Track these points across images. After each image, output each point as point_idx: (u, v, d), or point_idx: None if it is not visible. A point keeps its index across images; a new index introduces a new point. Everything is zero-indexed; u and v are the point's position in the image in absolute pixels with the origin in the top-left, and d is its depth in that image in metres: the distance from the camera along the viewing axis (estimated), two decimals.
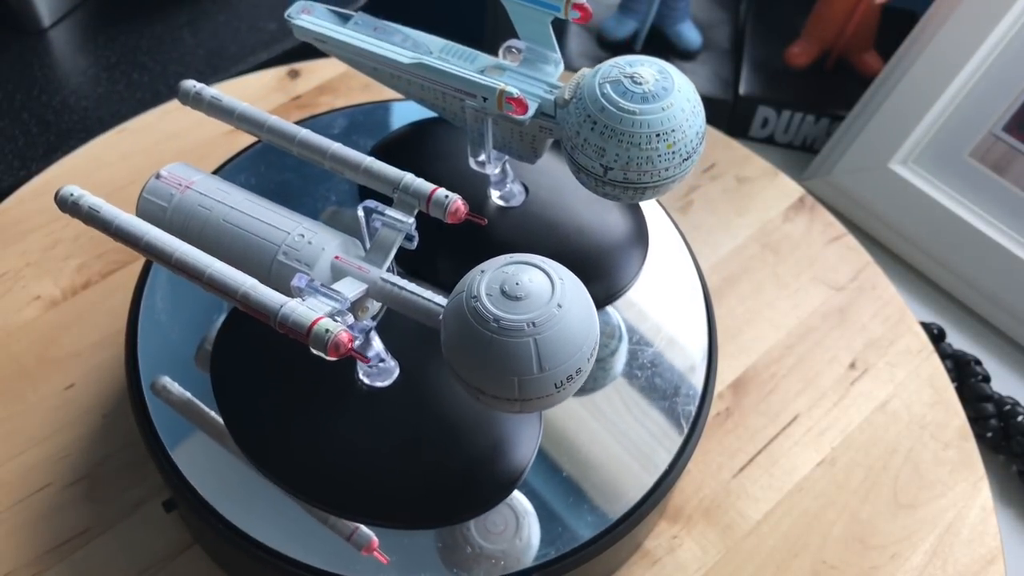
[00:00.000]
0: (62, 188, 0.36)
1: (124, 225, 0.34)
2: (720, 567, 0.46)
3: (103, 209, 0.35)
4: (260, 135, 0.39)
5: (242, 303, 0.32)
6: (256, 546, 0.38)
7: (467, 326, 0.30)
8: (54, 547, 0.44)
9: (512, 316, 0.29)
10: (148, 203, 0.38)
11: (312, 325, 0.30)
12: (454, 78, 0.38)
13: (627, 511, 0.40)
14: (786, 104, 0.70)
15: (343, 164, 0.37)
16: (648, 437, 0.42)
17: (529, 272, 0.30)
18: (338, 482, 0.37)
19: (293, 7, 0.43)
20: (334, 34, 0.41)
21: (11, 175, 0.64)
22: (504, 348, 0.29)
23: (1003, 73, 0.61)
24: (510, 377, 0.29)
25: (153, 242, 0.34)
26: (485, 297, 0.29)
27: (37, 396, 0.49)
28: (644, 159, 0.35)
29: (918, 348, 0.54)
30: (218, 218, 0.36)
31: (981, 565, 0.46)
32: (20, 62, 0.71)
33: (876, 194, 0.65)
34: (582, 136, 0.35)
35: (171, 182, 0.38)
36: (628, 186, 0.36)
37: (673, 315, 0.45)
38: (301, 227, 0.36)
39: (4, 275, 0.54)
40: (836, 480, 0.49)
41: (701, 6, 0.76)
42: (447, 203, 0.34)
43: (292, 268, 0.34)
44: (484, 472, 0.37)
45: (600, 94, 0.35)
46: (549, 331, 0.29)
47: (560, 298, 0.29)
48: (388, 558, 0.38)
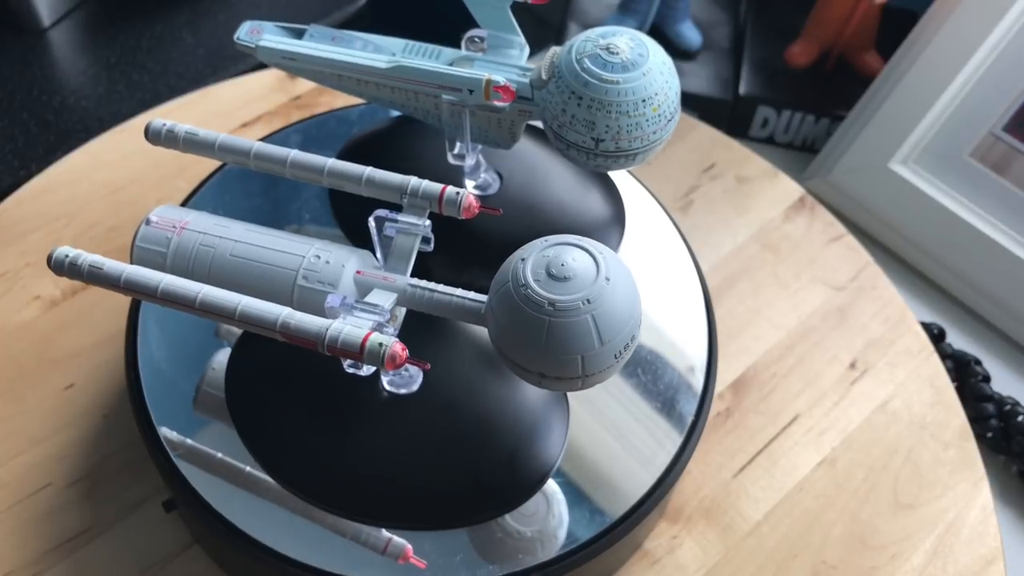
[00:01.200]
0: (54, 251, 0.34)
1: (134, 277, 0.33)
2: (720, 567, 0.46)
3: (106, 265, 0.33)
4: (247, 163, 0.37)
5: (282, 334, 0.31)
6: (256, 546, 0.38)
7: (521, 314, 0.30)
8: (54, 547, 0.44)
9: (566, 296, 0.30)
10: (144, 251, 0.36)
11: (364, 342, 0.30)
12: (437, 75, 0.38)
13: (627, 511, 0.40)
14: (786, 104, 0.70)
15: (343, 179, 0.36)
16: (648, 437, 0.42)
17: (571, 252, 0.31)
18: (369, 491, 0.38)
19: (241, 30, 0.41)
20: (304, 50, 0.40)
21: (11, 175, 0.64)
22: (564, 329, 0.30)
23: (1003, 73, 0.61)
24: (574, 356, 0.30)
25: (171, 288, 0.32)
26: (534, 283, 0.30)
27: (37, 396, 0.49)
28: (633, 125, 0.36)
29: (918, 348, 0.54)
30: (224, 254, 0.35)
31: (981, 565, 0.46)
32: (20, 62, 0.71)
33: (876, 194, 0.65)
34: (569, 113, 0.36)
35: (164, 225, 0.36)
36: (620, 154, 0.37)
37: (673, 315, 0.45)
38: (313, 248, 0.35)
39: (4, 275, 0.54)
40: (836, 480, 0.49)
41: (701, 6, 0.76)
42: (460, 200, 0.35)
43: (315, 290, 0.34)
44: (516, 466, 0.38)
45: (581, 69, 0.36)
46: (604, 305, 0.30)
47: (607, 271, 0.30)
48: (424, 562, 0.37)
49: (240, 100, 0.63)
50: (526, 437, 0.39)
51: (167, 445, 0.40)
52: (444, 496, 0.38)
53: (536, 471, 0.38)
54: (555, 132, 0.37)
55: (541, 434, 0.39)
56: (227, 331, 0.43)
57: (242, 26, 0.42)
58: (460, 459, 0.38)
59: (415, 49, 0.40)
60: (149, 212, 0.37)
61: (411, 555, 0.37)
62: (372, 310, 0.33)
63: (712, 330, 0.45)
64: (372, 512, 0.38)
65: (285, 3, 0.77)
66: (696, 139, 0.63)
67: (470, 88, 0.37)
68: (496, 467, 0.38)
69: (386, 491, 0.38)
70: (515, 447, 0.39)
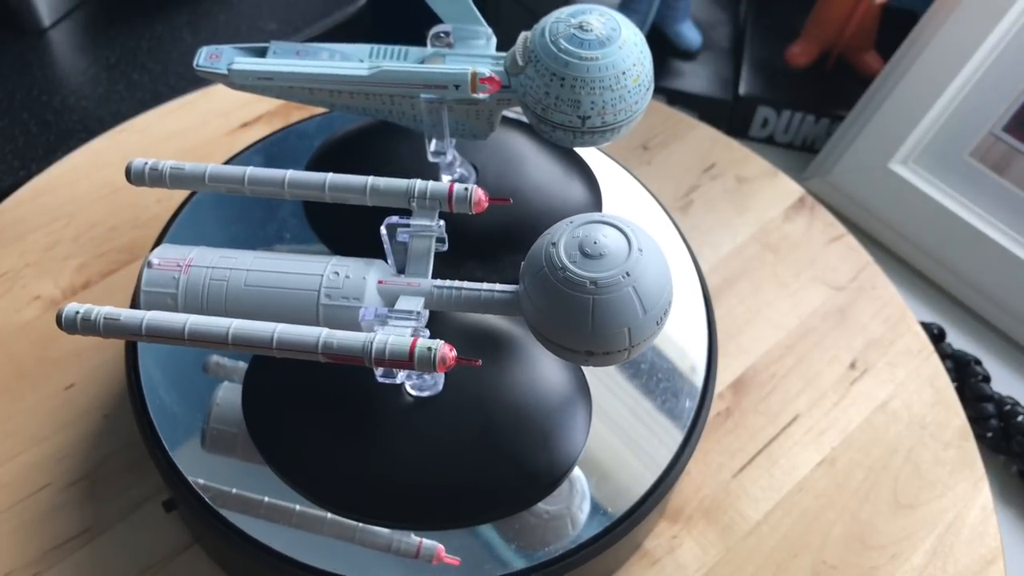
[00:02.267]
0: (63, 309, 0.32)
1: (156, 322, 0.32)
2: (720, 567, 0.46)
3: (122, 315, 0.32)
4: (242, 191, 0.37)
5: (324, 354, 0.31)
6: (256, 546, 0.38)
7: (564, 297, 0.31)
8: (54, 547, 0.44)
9: (605, 273, 0.31)
10: (153, 295, 0.35)
11: (412, 349, 0.30)
12: (421, 76, 0.38)
13: (627, 511, 0.40)
14: (786, 104, 0.70)
15: (346, 192, 0.35)
16: (648, 437, 0.42)
17: (600, 229, 0.31)
18: (402, 497, 0.38)
19: (199, 57, 0.40)
20: (280, 67, 0.39)
21: (11, 175, 0.64)
22: (609, 305, 0.31)
23: (1003, 73, 0.61)
24: (621, 329, 0.31)
25: (199, 328, 0.31)
26: (571, 264, 0.31)
27: (37, 396, 0.49)
28: (617, 99, 0.37)
29: (918, 348, 0.54)
30: (239, 285, 0.35)
31: (981, 565, 0.46)
32: (20, 62, 0.71)
33: (876, 194, 0.65)
34: (553, 95, 0.36)
35: (168, 266, 0.35)
36: (606, 129, 0.37)
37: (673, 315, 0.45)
38: (328, 265, 0.35)
39: (4, 275, 0.54)
40: (836, 480, 0.49)
41: (701, 6, 0.76)
42: (469, 195, 0.35)
43: (341, 307, 0.34)
44: (546, 453, 0.38)
45: (559, 51, 0.36)
46: (642, 275, 0.31)
47: (638, 243, 0.31)
48: (458, 559, 0.38)
49: (240, 100, 0.63)
50: (553, 422, 0.39)
51: (167, 445, 0.40)
52: (477, 492, 0.38)
53: (566, 455, 0.39)
54: (539, 116, 0.38)
55: (567, 418, 0.40)
56: (216, 366, 0.42)
57: (199, 53, 0.41)
58: (490, 453, 0.38)
59: (382, 52, 0.40)
60: (148, 255, 0.36)
61: (444, 555, 0.37)
62: (407, 317, 0.33)
63: (712, 330, 0.45)
64: (407, 517, 0.38)
65: (284, 3, 0.77)
66: (696, 139, 0.63)
67: (456, 84, 0.37)
68: (526, 457, 0.38)
69: (419, 494, 0.38)
70: (544, 434, 0.39)
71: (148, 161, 0.37)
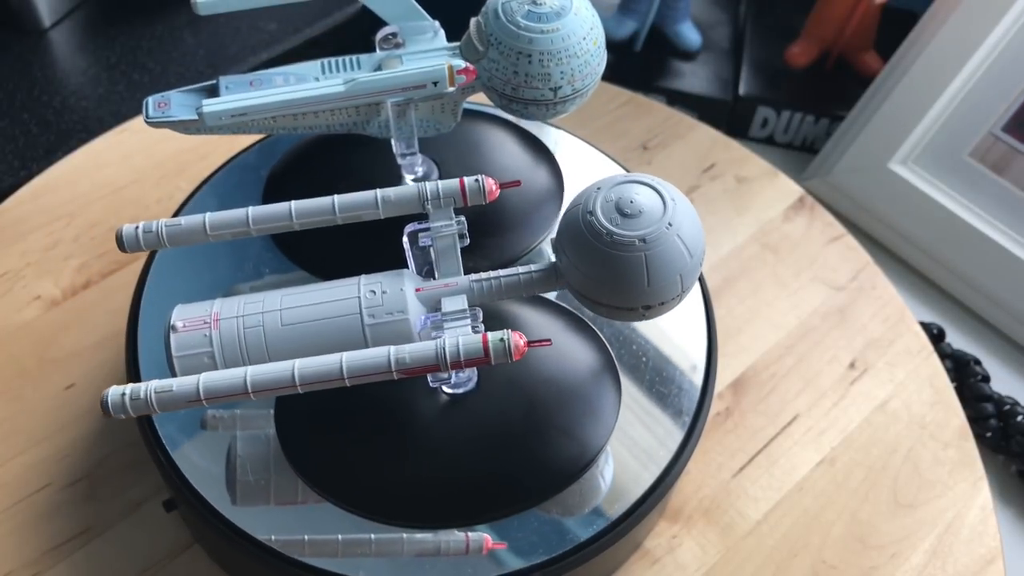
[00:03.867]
0: (108, 396, 0.30)
1: (214, 383, 0.30)
2: (720, 567, 0.46)
3: (175, 385, 0.30)
4: (248, 232, 0.35)
5: (399, 371, 0.31)
6: (256, 546, 0.38)
7: (615, 260, 0.32)
8: (54, 547, 0.44)
9: (650, 227, 0.32)
10: (187, 359, 0.33)
11: (485, 344, 0.31)
12: (399, 80, 0.37)
13: (627, 510, 0.40)
14: (786, 104, 0.70)
15: (357, 210, 0.35)
16: (648, 437, 0.42)
17: (631, 188, 0.33)
18: (443, 495, 0.38)
19: (148, 109, 0.39)
20: (252, 101, 0.37)
21: (11, 175, 0.64)
22: (660, 257, 0.32)
23: (1003, 73, 0.61)
24: (674, 278, 0.32)
25: (262, 377, 0.30)
26: (614, 227, 0.32)
27: (37, 396, 0.49)
28: (583, 64, 0.38)
29: (918, 348, 0.54)
30: (275, 327, 0.34)
31: (981, 565, 0.46)
32: (20, 62, 0.71)
33: (876, 194, 0.65)
34: (522, 73, 0.37)
35: (194, 326, 0.34)
36: (576, 96, 0.39)
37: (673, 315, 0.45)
38: (360, 286, 0.34)
39: (4, 275, 0.54)
40: (836, 480, 0.49)
41: (701, 6, 0.76)
42: (480, 186, 0.35)
43: (387, 323, 0.34)
44: (580, 434, 0.39)
45: (519, 29, 0.37)
46: (682, 222, 0.32)
47: (669, 194, 0.33)
48: (504, 543, 0.38)
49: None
50: (584, 404, 0.40)
51: (167, 445, 0.40)
52: (520, 479, 0.38)
53: (599, 434, 0.40)
54: (509, 96, 0.39)
55: (598, 396, 0.41)
56: (214, 419, 0.41)
57: (145, 104, 0.39)
58: (528, 440, 0.39)
59: (334, 65, 0.40)
60: (168, 320, 0.34)
61: (491, 543, 0.38)
62: (462, 316, 0.34)
63: (712, 330, 0.45)
64: (454, 515, 0.38)
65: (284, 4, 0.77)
66: (696, 139, 0.63)
67: (434, 80, 0.38)
68: (562, 440, 0.39)
69: (463, 491, 0.38)
70: (577, 413, 0.40)
71: (139, 225, 0.35)
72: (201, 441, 0.41)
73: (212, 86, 0.39)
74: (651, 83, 0.71)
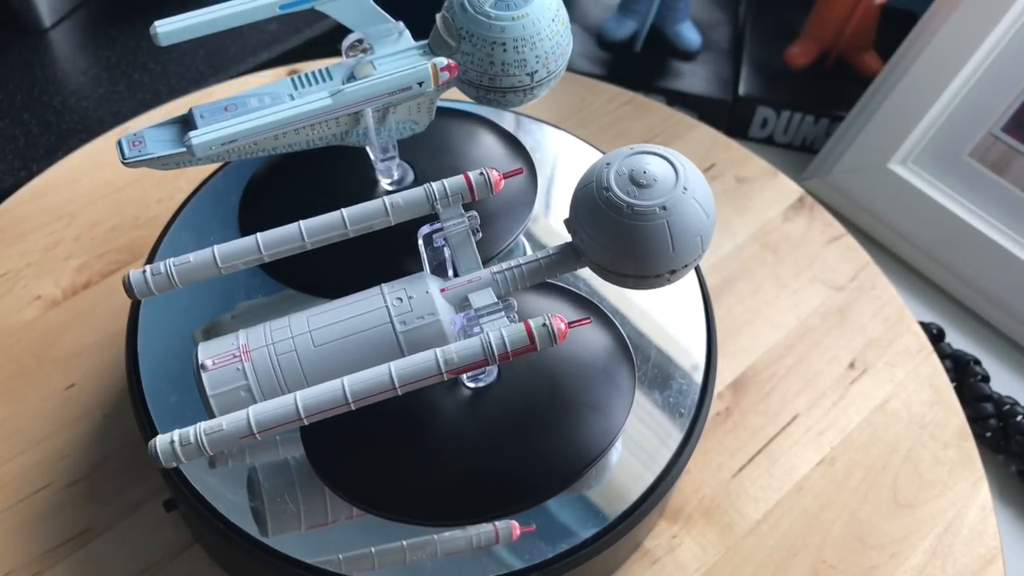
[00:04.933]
0: (156, 445, 0.30)
1: (267, 414, 0.30)
2: (720, 566, 0.46)
3: (225, 423, 0.30)
4: (261, 259, 0.35)
5: (449, 372, 0.31)
6: (256, 546, 0.38)
7: (638, 230, 0.33)
8: (54, 547, 0.45)
9: (668, 193, 0.33)
10: (224, 395, 0.33)
11: (530, 332, 0.31)
12: (386, 84, 0.37)
13: (626, 510, 0.40)
14: (785, 104, 0.70)
15: (368, 221, 0.35)
16: (648, 437, 0.42)
17: (640, 160, 0.33)
18: (474, 489, 0.38)
19: (124, 150, 0.38)
20: (241, 126, 0.36)
21: (12, 175, 0.64)
22: (681, 221, 0.33)
23: (1002, 73, 0.61)
24: (695, 239, 0.33)
25: (313, 401, 0.30)
26: (633, 199, 0.33)
27: (37, 396, 0.49)
28: (555, 45, 0.39)
29: (917, 348, 0.54)
30: (308, 349, 0.33)
31: (980, 565, 0.46)
32: (21, 62, 0.71)
33: (876, 194, 0.65)
34: (498, 62, 0.38)
35: (224, 361, 0.33)
36: (551, 77, 0.39)
37: (673, 315, 0.45)
38: (384, 295, 0.34)
39: (5, 275, 0.54)
40: (835, 480, 0.49)
41: (701, 6, 0.76)
42: (486, 179, 0.35)
43: (419, 327, 0.34)
44: (601, 415, 0.40)
45: (491, 19, 0.37)
46: (695, 185, 0.33)
47: (679, 160, 0.34)
48: (532, 525, 0.39)
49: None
50: (604, 376, 0.41)
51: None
52: (550, 461, 0.39)
53: (622, 403, 0.40)
54: (487, 87, 0.39)
55: (615, 368, 0.41)
56: (223, 456, 0.40)
57: (119, 146, 0.38)
58: (557, 419, 0.39)
59: (305, 79, 0.39)
60: (196, 359, 0.33)
61: (519, 529, 0.38)
62: (496, 308, 0.34)
63: (712, 330, 0.45)
64: (492, 507, 0.38)
65: None
66: (696, 139, 0.63)
67: (420, 81, 0.38)
68: (589, 415, 0.40)
69: (497, 482, 0.38)
70: (599, 388, 0.40)
71: (145, 269, 0.34)
72: None
73: (185, 117, 0.38)
74: (651, 83, 0.71)
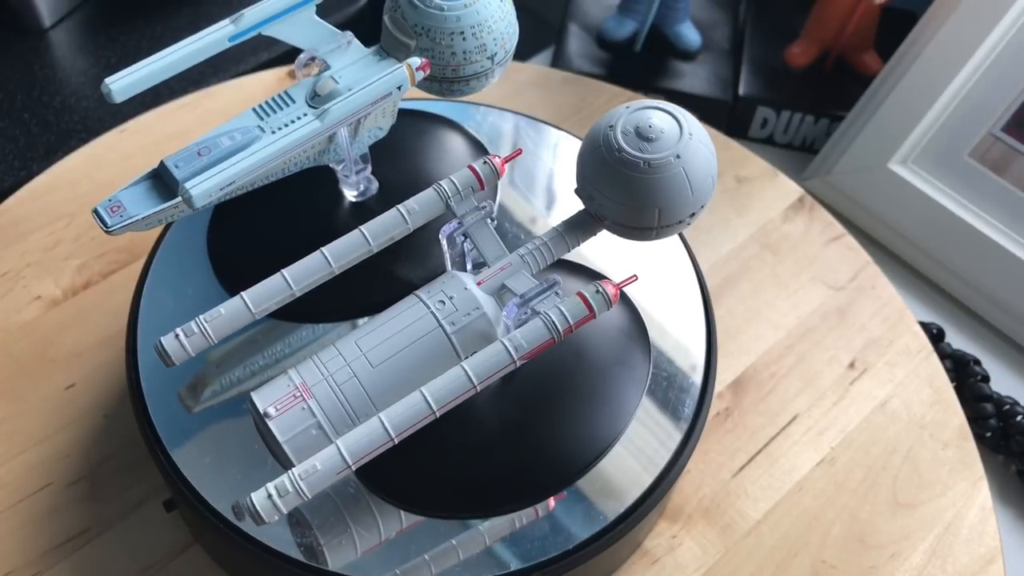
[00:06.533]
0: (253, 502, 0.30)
1: (360, 443, 0.30)
2: (720, 567, 0.46)
3: (319, 462, 0.30)
4: (292, 294, 0.35)
5: (520, 358, 0.32)
6: (256, 546, 0.38)
7: (657, 182, 0.33)
8: (54, 547, 0.45)
9: (676, 143, 0.33)
10: (297, 439, 0.32)
11: (586, 302, 0.33)
12: (368, 95, 0.37)
13: (626, 510, 0.40)
14: (786, 104, 0.70)
15: (388, 232, 0.35)
16: (647, 437, 0.42)
17: (642, 115, 0.34)
18: (482, 484, 0.39)
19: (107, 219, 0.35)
20: (236, 167, 0.35)
21: (12, 175, 0.64)
22: (694, 165, 0.34)
23: (1002, 73, 0.61)
24: (708, 180, 0.34)
25: (401, 417, 0.31)
26: (643, 153, 0.33)
27: (37, 396, 0.49)
28: (508, 24, 0.39)
29: (917, 348, 0.54)
30: (367, 371, 0.33)
31: (980, 565, 0.46)
32: (21, 62, 0.71)
33: (876, 194, 0.65)
34: (460, 52, 0.38)
35: (287, 405, 0.33)
36: (507, 58, 0.40)
37: (673, 315, 0.45)
38: (424, 302, 0.34)
39: (5, 275, 0.54)
40: (835, 480, 0.49)
41: (701, 6, 0.76)
42: (491, 167, 0.36)
43: (469, 324, 0.34)
44: (617, 396, 0.41)
45: (443, 11, 0.37)
46: (698, 130, 0.34)
47: (674, 110, 0.34)
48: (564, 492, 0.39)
49: (240, 100, 0.63)
50: (621, 349, 0.42)
51: (167, 445, 0.40)
52: (576, 441, 0.39)
53: (639, 375, 0.41)
54: (450, 78, 0.39)
55: (628, 343, 0.42)
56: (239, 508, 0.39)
57: (97, 215, 0.35)
58: (571, 412, 0.40)
59: (267, 108, 0.38)
60: (254, 409, 0.33)
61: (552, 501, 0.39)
62: (543, 287, 0.35)
63: (711, 330, 0.45)
64: (499, 503, 0.39)
65: None
66: None
67: (399, 85, 0.37)
68: (608, 389, 0.40)
69: (525, 469, 0.39)
70: (615, 364, 0.41)
71: (177, 332, 0.33)
72: (201, 441, 0.41)
73: (156, 172, 0.36)
74: (651, 83, 0.71)
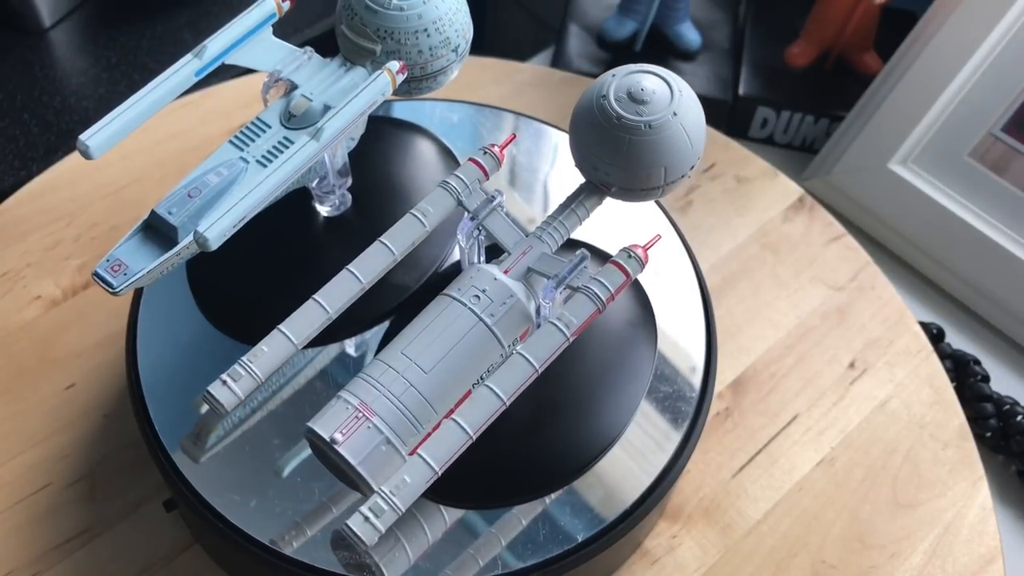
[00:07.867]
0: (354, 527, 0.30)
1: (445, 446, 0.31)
2: (720, 567, 0.46)
3: (408, 476, 0.30)
4: (330, 316, 0.34)
5: (572, 333, 0.33)
6: (256, 546, 0.38)
7: (660, 141, 0.35)
8: (54, 547, 0.45)
9: (672, 101, 0.35)
10: (369, 459, 0.32)
11: (622, 268, 0.34)
12: (359, 107, 0.37)
13: (626, 510, 0.40)
14: (786, 104, 0.70)
15: (409, 239, 0.36)
16: (647, 437, 0.42)
17: (632, 80, 0.35)
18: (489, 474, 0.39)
19: (110, 280, 0.34)
20: (245, 202, 0.34)
21: (12, 175, 0.64)
22: (689, 119, 0.35)
23: (1002, 73, 0.61)
24: (702, 129, 0.36)
25: (476, 415, 0.31)
26: (640, 116, 0.34)
27: (37, 396, 0.49)
28: (465, 14, 0.39)
29: (917, 348, 0.54)
30: (421, 378, 0.33)
31: (980, 565, 0.46)
32: (21, 62, 0.71)
33: (876, 194, 0.65)
34: (427, 50, 0.38)
35: (352, 428, 0.32)
36: (467, 50, 0.40)
37: (673, 315, 0.45)
38: (459, 300, 0.35)
39: (5, 275, 0.54)
40: (835, 480, 0.49)
41: (701, 6, 0.76)
42: (493, 157, 0.37)
43: (506, 312, 0.35)
44: (625, 384, 0.41)
45: (404, 11, 0.37)
46: (684, 87, 0.36)
47: (662, 72, 0.35)
48: None
49: (240, 100, 0.63)
50: (626, 357, 0.42)
51: (167, 445, 0.40)
52: (569, 450, 0.39)
53: (639, 388, 0.42)
54: (419, 76, 0.39)
55: (637, 348, 0.42)
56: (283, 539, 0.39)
57: (99, 278, 0.34)
58: (572, 410, 0.40)
59: (244, 137, 0.37)
60: (320, 436, 0.32)
61: None
62: (571, 264, 0.35)
63: (711, 330, 0.45)
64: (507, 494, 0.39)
65: None
66: None
67: (383, 92, 0.37)
68: (604, 403, 0.40)
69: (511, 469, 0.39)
70: (625, 348, 0.42)
71: (224, 379, 0.32)
72: None
73: (148, 222, 0.35)
74: None
